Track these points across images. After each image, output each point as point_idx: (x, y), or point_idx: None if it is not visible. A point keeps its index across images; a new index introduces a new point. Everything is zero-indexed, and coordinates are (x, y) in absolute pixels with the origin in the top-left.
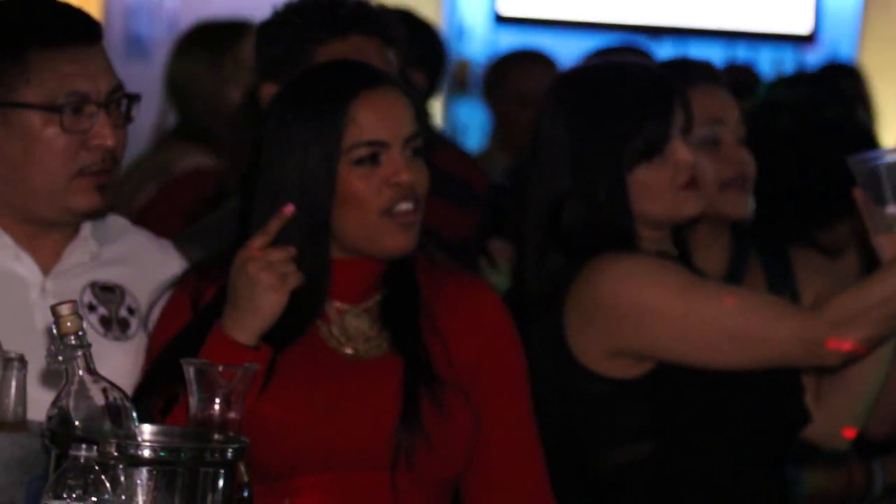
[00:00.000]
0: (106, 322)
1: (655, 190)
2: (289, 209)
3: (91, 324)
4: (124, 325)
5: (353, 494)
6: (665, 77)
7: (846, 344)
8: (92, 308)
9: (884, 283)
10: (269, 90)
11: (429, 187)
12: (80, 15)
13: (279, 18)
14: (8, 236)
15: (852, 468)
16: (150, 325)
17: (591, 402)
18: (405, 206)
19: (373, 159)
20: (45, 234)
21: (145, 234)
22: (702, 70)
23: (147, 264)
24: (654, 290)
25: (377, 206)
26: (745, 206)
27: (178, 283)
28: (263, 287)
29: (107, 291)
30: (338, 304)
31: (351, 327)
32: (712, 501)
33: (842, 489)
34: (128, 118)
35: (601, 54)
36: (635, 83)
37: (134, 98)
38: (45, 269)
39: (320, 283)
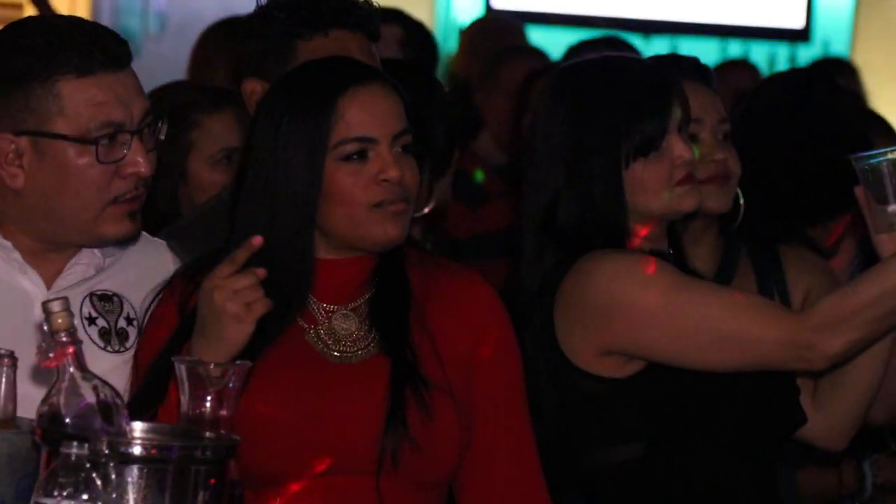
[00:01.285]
0: (105, 335)
1: (652, 185)
2: (257, 240)
3: (91, 338)
4: (123, 336)
5: (341, 499)
6: (663, 72)
7: (833, 347)
8: (91, 320)
9: (871, 285)
10: (251, 86)
11: (417, 181)
12: (110, 40)
13: (262, 14)
14: (17, 252)
15: (843, 468)
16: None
17: (582, 401)
18: (391, 201)
19: (361, 156)
20: (55, 251)
21: (140, 237)
22: (687, 67)
23: (142, 267)
24: (643, 289)
25: (365, 200)
26: (722, 200)
27: (167, 287)
28: (229, 317)
29: (105, 301)
30: (325, 306)
31: (339, 328)
32: (705, 502)
33: (833, 489)
34: (158, 139)
35: (582, 48)
36: (632, 78)
37: (163, 117)
38: (49, 283)
39: (302, 283)
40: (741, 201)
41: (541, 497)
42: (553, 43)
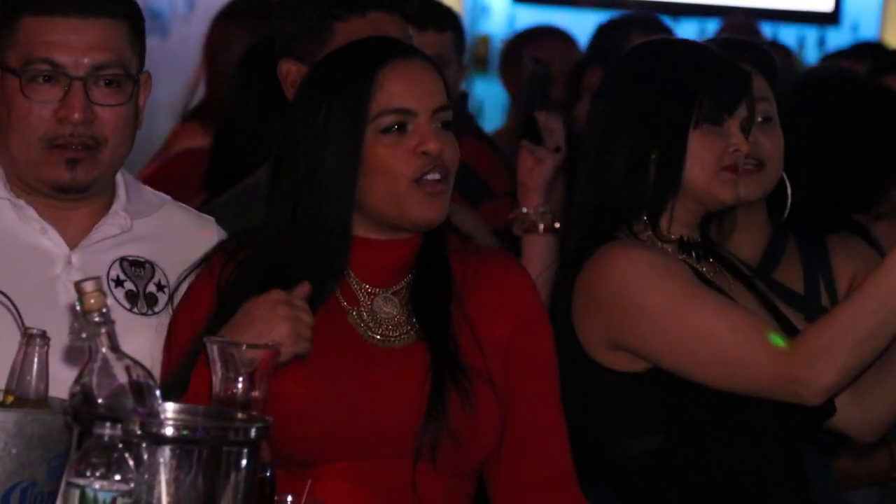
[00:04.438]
0: (132, 297)
1: (704, 158)
2: (305, 289)
3: (117, 298)
4: (151, 300)
5: (375, 482)
6: (743, 66)
7: (825, 378)
8: (119, 283)
9: (848, 308)
10: (287, 66)
11: (458, 159)
12: None
13: None
14: (32, 210)
15: (877, 453)
16: (175, 303)
17: (600, 392)
18: (433, 175)
19: (400, 128)
20: (74, 209)
21: (185, 209)
22: (749, 52)
23: (183, 241)
24: (652, 291)
25: (405, 174)
26: (751, 188)
27: (205, 264)
28: (276, 333)
29: (136, 266)
30: (367, 287)
31: (380, 312)
32: (728, 493)
33: (872, 474)
34: (133, 98)
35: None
36: (713, 56)
37: (134, 79)
38: (73, 244)
39: (339, 256)
40: (788, 190)
41: (571, 489)
42: (581, 25)
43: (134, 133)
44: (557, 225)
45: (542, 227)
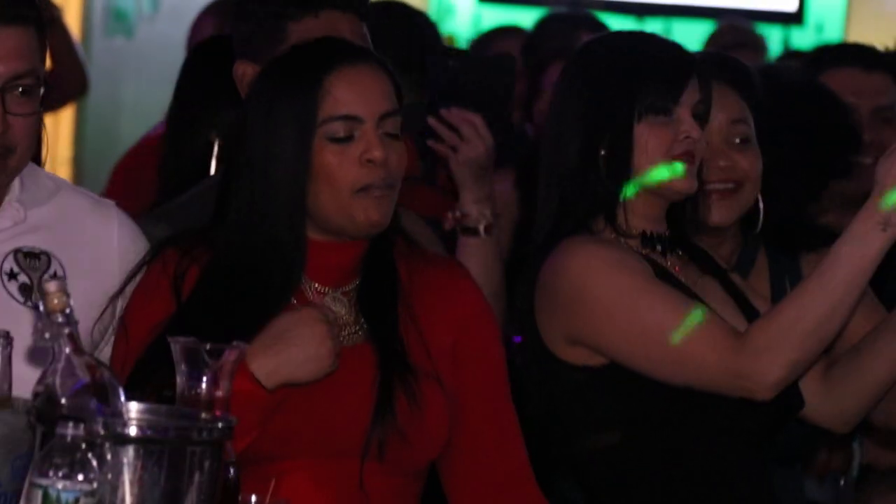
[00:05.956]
0: (26, 290)
1: (652, 149)
2: None
3: (10, 291)
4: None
5: (325, 481)
6: (684, 51)
7: (773, 374)
8: (12, 276)
9: (794, 301)
10: (243, 68)
11: (404, 166)
12: None
13: None
14: None
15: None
16: (124, 300)
17: (561, 387)
18: (377, 186)
19: (347, 137)
20: None
21: (83, 194)
22: (719, 65)
23: (80, 226)
24: (607, 286)
25: (349, 183)
26: (726, 212)
27: (155, 258)
28: (318, 349)
29: (31, 258)
30: (317, 286)
31: (329, 312)
32: (690, 487)
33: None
34: (49, 107)
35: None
36: (653, 48)
37: (45, 85)
38: None
39: (296, 261)
40: (761, 207)
41: (528, 485)
42: None
43: (39, 136)
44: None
45: (481, 227)
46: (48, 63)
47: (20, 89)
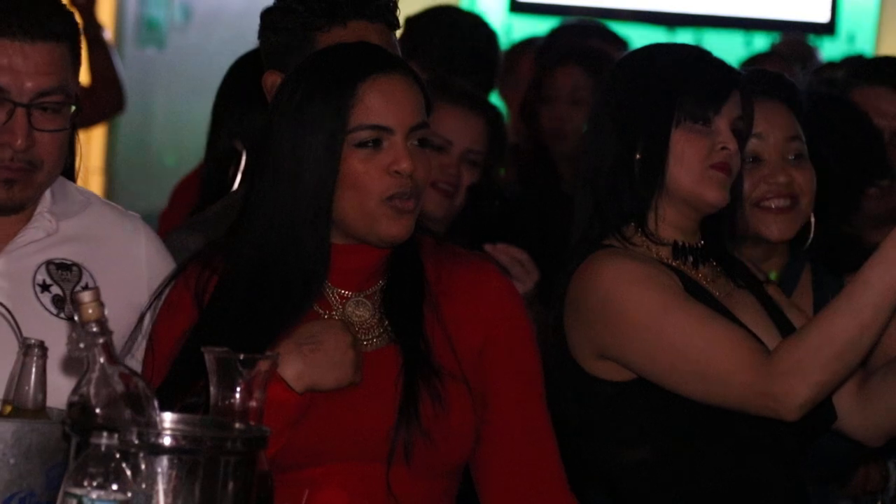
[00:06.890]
0: (59, 301)
1: (688, 158)
2: None
3: (43, 303)
4: None
5: (354, 486)
6: (733, 67)
7: (800, 395)
8: (45, 287)
9: (822, 323)
10: (272, 79)
11: (430, 177)
12: (36, 11)
13: (282, 6)
14: None
15: (870, 467)
16: (152, 315)
17: (591, 402)
18: (403, 196)
19: (375, 144)
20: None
21: (111, 207)
22: (767, 82)
23: (109, 239)
24: (635, 302)
25: (375, 192)
26: (785, 226)
27: (181, 273)
28: (342, 356)
29: (63, 270)
30: (340, 291)
31: (352, 315)
32: (721, 502)
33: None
34: (73, 125)
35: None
36: (702, 56)
37: (76, 104)
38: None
39: (318, 267)
40: (812, 223)
41: (559, 486)
42: None
43: (67, 150)
44: None
45: None
46: (86, 79)
47: (48, 105)
